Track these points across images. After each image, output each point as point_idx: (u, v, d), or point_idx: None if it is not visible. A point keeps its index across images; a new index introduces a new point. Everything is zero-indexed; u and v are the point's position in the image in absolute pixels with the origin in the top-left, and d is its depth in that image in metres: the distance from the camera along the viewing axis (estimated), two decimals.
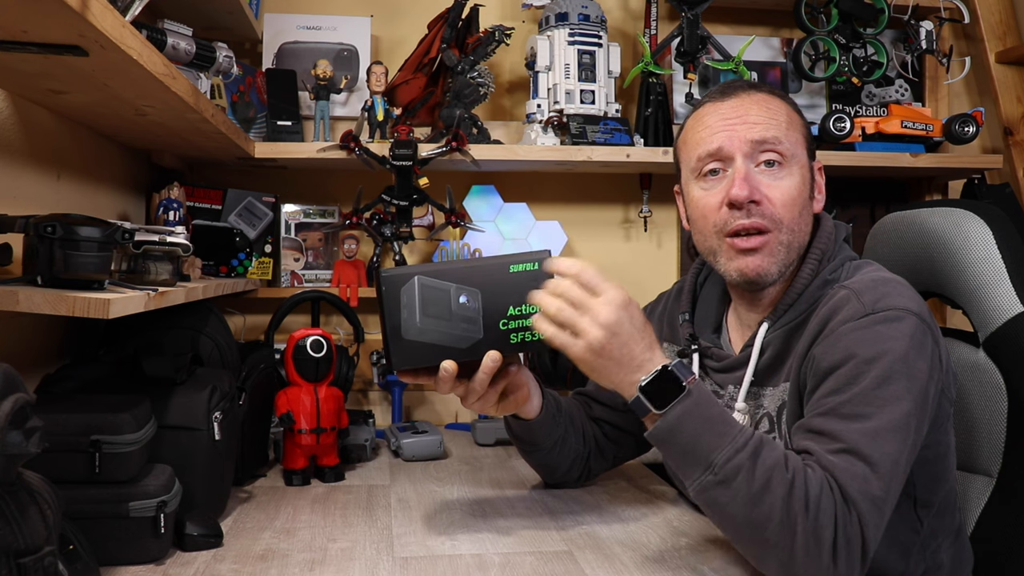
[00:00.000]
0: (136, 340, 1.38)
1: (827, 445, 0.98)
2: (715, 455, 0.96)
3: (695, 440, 0.98)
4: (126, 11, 1.05)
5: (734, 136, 1.14)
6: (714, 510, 0.99)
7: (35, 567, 0.76)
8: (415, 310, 1.09)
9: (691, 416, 0.99)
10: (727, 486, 0.96)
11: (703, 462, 0.97)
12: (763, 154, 1.14)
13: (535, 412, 1.27)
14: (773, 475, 0.94)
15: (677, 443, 1.00)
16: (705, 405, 1.00)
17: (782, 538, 0.93)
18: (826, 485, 0.95)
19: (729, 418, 1.01)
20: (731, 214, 1.13)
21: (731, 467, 0.95)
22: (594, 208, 2.21)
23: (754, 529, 0.95)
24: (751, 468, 0.95)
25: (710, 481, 0.97)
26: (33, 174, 1.29)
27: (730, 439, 0.97)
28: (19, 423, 0.74)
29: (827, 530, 0.93)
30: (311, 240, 2.06)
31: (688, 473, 1.00)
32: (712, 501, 0.98)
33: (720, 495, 0.97)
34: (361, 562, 1.09)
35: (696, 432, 0.98)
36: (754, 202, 1.12)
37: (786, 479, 0.94)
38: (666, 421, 0.99)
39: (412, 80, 1.97)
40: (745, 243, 1.13)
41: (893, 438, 0.98)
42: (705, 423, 0.99)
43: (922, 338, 1.04)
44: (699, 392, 1.00)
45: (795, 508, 0.93)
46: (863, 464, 0.96)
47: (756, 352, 1.16)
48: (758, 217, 1.12)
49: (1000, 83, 2.23)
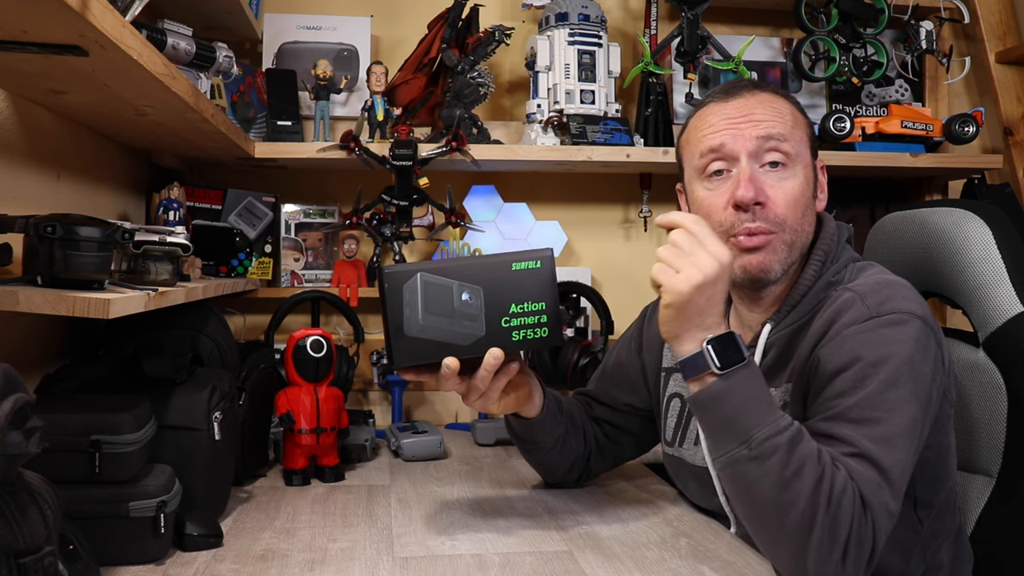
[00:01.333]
0: (136, 340, 1.38)
1: (839, 449, 0.99)
2: (755, 431, 0.96)
3: (739, 411, 0.98)
4: (126, 11, 1.05)
5: (739, 135, 1.14)
6: (739, 484, 0.99)
7: (35, 567, 0.76)
8: (417, 307, 1.09)
9: (741, 387, 0.99)
10: (760, 463, 0.96)
11: (741, 435, 0.97)
12: (768, 154, 1.14)
13: (536, 411, 1.27)
14: (806, 464, 0.95)
15: (722, 409, 0.99)
16: (757, 381, 1.00)
17: (800, 527, 0.94)
18: (850, 487, 0.95)
19: (774, 401, 1.01)
20: (737, 216, 1.13)
21: (768, 446, 0.96)
22: (594, 208, 2.21)
23: (776, 512, 0.95)
24: (787, 452, 0.95)
25: (743, 455, 0.97)
26: (33, 174, 1.29)
27: (772, 419, 0.97)
28: (19, 423, 0.74)
29: (844, 529, 0.93)
30: (311, 240, 2.06)
31: (721, 443, 1.00)
32: (740, 475, 0.98)
33: (750, 471, 0.97)
34: (361, 562, 1.09)
35: (742, 404, 0.98)
36: (759, 203, 1.12)
37: (817, 471, 0.94)
38: (717, 385, 0.99)
39: (412, 80, 1.97)
40: (749, 241, 1.13)
41: (902, 444, 0.98)
42: (753, 398, 0.99)
43: (926, 341, 1.04)
44: (755, 368, 1.01)
45: (819, 501, 0.93)
46: (875, 471, 0.96)
47: (759, 353, 1.16)
48: (762, 221, 1.12)
49: (1000, 83, 2.23)
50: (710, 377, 1.00)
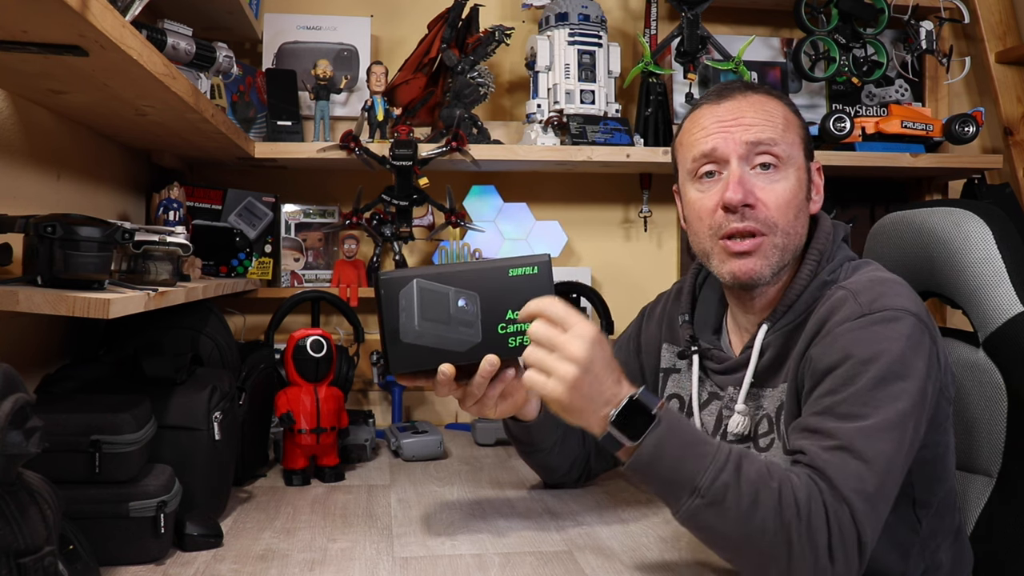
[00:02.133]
0: (136, 340, 1.38)
1: (821, 443, 0.98)
2: (699, 478, 0.94)
3: (675, 466, 0.96)
4: (126, 11, 1.05)
5: (729, 138, 1.14)
6: (706, 533, 0.98)
7: (35, 567, 0.76)
8: (413, 313, 1.08)
9: (666, 442, 0.96)
10: (718, 507, 0.94)
11: (687, 487, 0.95)
12: (758, 156, 1.13)
13: (533, 414, 1.27)
14: (759, 487, 0.93)
15: (657, 472, 0.97)
16: (678, 429, 0.98)
17: (778, 548, 0.93)
18: (813, 487, 0.94)
19: (703, 437, 0.99)
20: (726, 217, 1.13)
21: (718, 487, 0.94)
22: (594, 208, 2.21)
23: (749, 544, 0.94)
24: (737, 485, 0.94)
25: (699, 505, 0.95)
26: (33, 174, 1.29)
27: (710, 459, 0.95)
28: (19, 423, 0.74)
29: (821, 532, 0.92)
30: (311, 240, 2.06)
31: (673, 500, 0.97)
32: (703, 524, 0.97)
33: (711, 517, 0.95)
34: (361, 562, 1.09)
35: (675, 458, 0.96)
36: (748, 205, 1.12)
37: (773, 489, 0.93)
38: (642, 452, 0.97)
39: (412, 80, 1.97)
40: (738, 246, 1.13)
41: (888, 437, 0.98)
42: (682, 447, 0.96)
43: (919, 338, 1.04)
44: (669, 417, 0.98)
45: (787, 516, 0.92)
46: (857, 461, 0.96)
47: (756, 353, 1.16)
48: (752, 221, 1.12)
49: (1000, 83, 2.23)
50: (631, 449, 0.98)
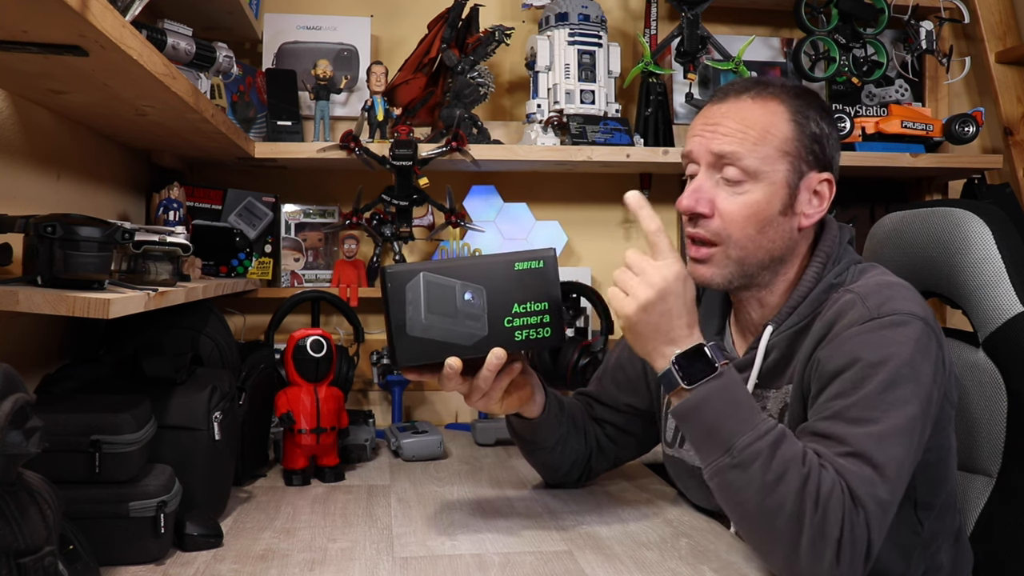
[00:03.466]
0: (136, 340, 1.38)
1: (834, 448, 0.98)
2: (736, 439, 0.97)
3: (718, 421, 0.99)
4: (126, 11, 1.05)
5: (703, 144, 1.16)
6: (726, 493, 1.00)
7: (35, 567, 0.76)
8: (420, 307, 1.08)
9: (717, 398, 1.00)
10: (743, 471, 0.96)
11: (723, 444, 0.98)
12: (724, 168, 1.14)
13: (538, 411, 1.27)
14: (789, 467, 0.95)
15: (700, 421, 1.01)
16: (733, 389, 1.01)
17: (789, 530, 0.94)
18: (838, 486, 0.95)
19: (755, 406, 1.02)
20: (687, 221, 1.16)
21: (749, 452, 0.96)
22: (594, 208, 2.21)
23: (764, 517, 0.96)
24: (769, 457, 0.96)
25: (726, 464, 0.98)
26: (33, 174, 1.29)
27: (752, 425, 0.98)
28: (19, 423, 0.74)
29: (834, 529, 0.93)
30: (311, 240, 2.06)
31: (706, 453, 1.01)
32: (726, 484, 0.99)
33: (735, 479, 0.97)
34: (361, 562, 1.09)
35: (720, 414, 0.99)
36: (701, 215, 1.14)
37: (801, 473, 0.95)
38: (692, 398, 1.00)
39: (412, 80, 1.97)
40: (695, 252, 1.16)
41: (899, 442, 0.98)
42: (730, 406, 0.99)
43: (927, 342, 1.04)
44: (729, 376, 1.01)
45: (806, 503, 0.93)
46: (870, 468, 0.96)
47: (761, 355, 1.16)
48: (703, 229, 1.14)
49: (1000, 83, 2.23)
50: (684, 392, 1.01)
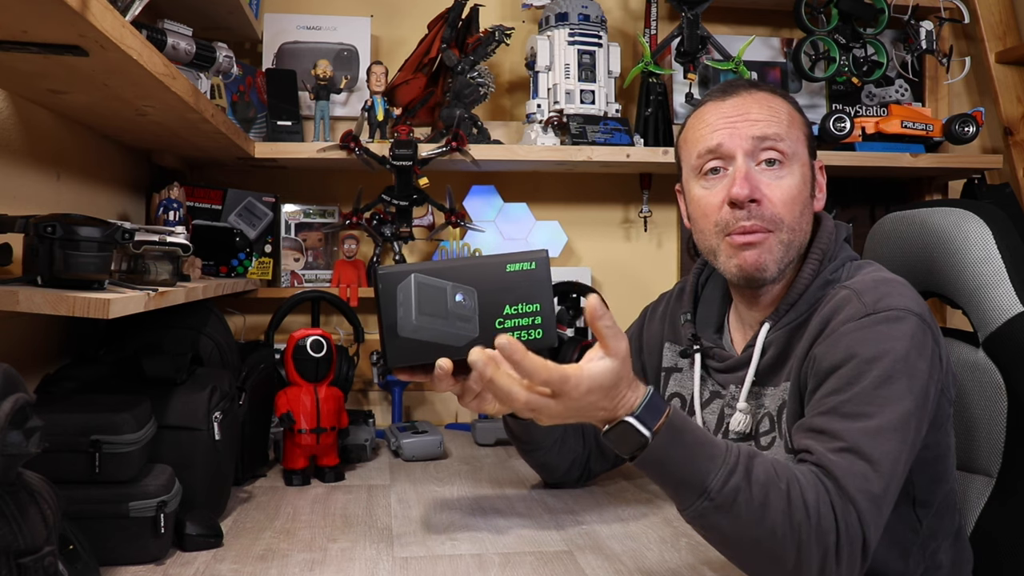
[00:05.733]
0: (136, 340, 1.38)
1: (828, 444, 0.98)
2: (709, 479, 0.92)
3: (683, 471, 0.93)
4: (126, 11, 1.05)
5: (735, 134, 1.14)
6: (715, 534, 0.97)
7: (35, 567, 0.76)
8: (411, 308, 1.09)
9: (669, 454, 0.93)
10: (728, 511, 0.92)
11: (697, 488, 0.93)
12: (764, 152, 1.14)
13: None
14: (769, 489, 0.92)
15: (664, 476, 0.95)
16: (679, 440, 0.93)
17: (787, 550, 0.92)
18: (820, 487, 0.94)
19: (710, 438, 0.96)
20: (732, 213, 1.13)
21: (728, 490, 0.92)
22: (594, 208, 2.21)
23: (758, 546, 0.93)
24: (747, 487, 0.92)
25: (708, 507, 0.93)
26: (33, 174, 1.29)
27: (721, 461, 0.93)
28: (19, 423, 0.74)
29: (830, 533, 0.92)
30: (311, 240, 2.06)
31: (681, 498, 0.95)
32: (712, 526, 0.95)
33: (720, 520, 0.93)
34: (361, 562, 1.09)
35: (680, 464, 0.93)
36: (754, 201, 1.12)
37: (782, 490, 0.93)
38: (643, 458, 0.94)
39: (412, 80, 1.97)
40: (744, 238, 1.13)
41: (893, 437, 0.98)
42: (687, 454, 0.93)
43: (923, 338, 1.04)
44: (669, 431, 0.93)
45: (797, 517, 0.92)
46: (863, 463, 0.96)
47: (758, 352, 1.16)
48: (758, 219, 1.12)
49: (1000, 83, 2.23)
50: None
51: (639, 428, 0.93)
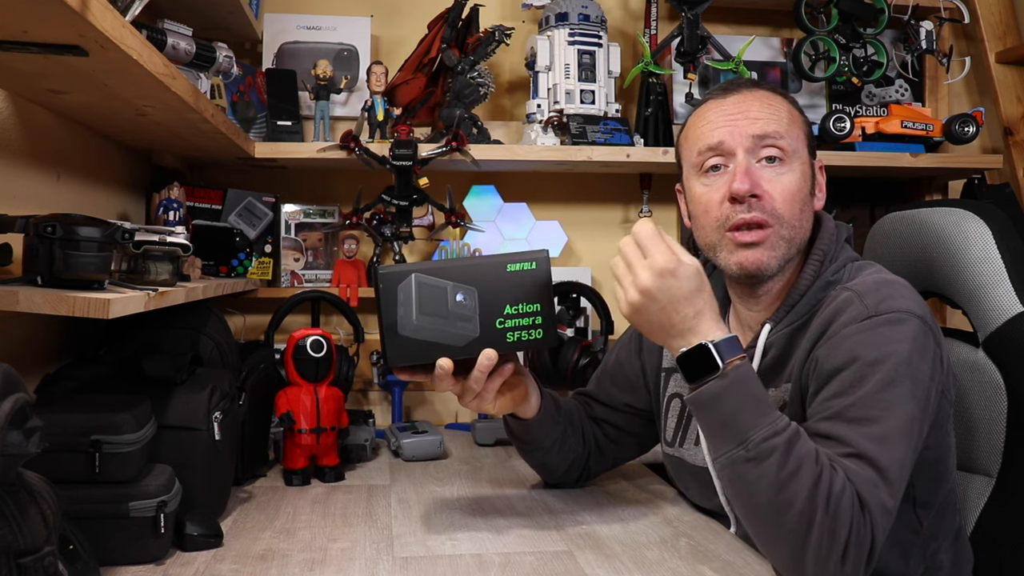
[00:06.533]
0: (136, 340, 1.38)
1: (836, 449, 0.98)
2: (752, 432, 0.97)
3: (734, 414, 0.98)
4: (126, 11, 1.05)
5: (735, 131, 1.15)
6: (738, 485, 0.99)
7: (35, 567, 0.76)
8: (412, 307, 1.09)
9: (731, 392, 0.99)
10: (757, 464, 0.96)
11: (738, 436, 0.97)
12: (764, 149, 1.14)
13: (533, 411, 1.27)
14: (803, 465, 0.94)
15: (715, 411, 1.00)
16: (747, 385, 0.99)
17: (798, 527, 0.94)
18: (848, 487, 0.95)
19: (771, 402, 1.01)
20: (733, 208, 1.14)
21: (766, 447, 0.96)
22: (594, 208, 2.21)
23: (774, 513, 0.95)
24: (784, 453, 0.95)
25: (740, 456, 0.97)
26: (33, 174, 1.29)
27: (770, 421, 0.97)
28: (19, 423, 0.74)
29: (843, 529, 0.93)
30: (311, 240, 2.06)
31: (719, 444, 1.00)
32: (738, 476, 0.98)
33: (748, 472, 0.97)
34: (361, 562, 1.09)
35: (736, 407, 0.98)
36: (755, 196, 1.12)
37: (814, 472, 0.94)
38: (704, 391, 1.00)
39: (412, 80, 1.97)
40: (745, 236, 1.13)
41: (900, 443, 0.98)
42: (745, 402, 0.99)
43: (924, 340, 1.04)
44: (737, 374, 1.00)
45: (817, 501, 0.93)
46: (873, 470, 0.96)
47: (759, 353, 1.16)
48: (759, 212, 1.13)
49: (1000, 83, 2.23)
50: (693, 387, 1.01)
51: (714, 355, 0.99)
